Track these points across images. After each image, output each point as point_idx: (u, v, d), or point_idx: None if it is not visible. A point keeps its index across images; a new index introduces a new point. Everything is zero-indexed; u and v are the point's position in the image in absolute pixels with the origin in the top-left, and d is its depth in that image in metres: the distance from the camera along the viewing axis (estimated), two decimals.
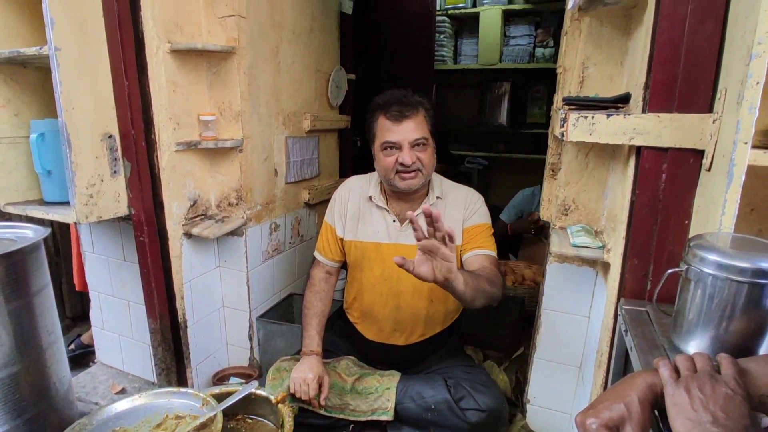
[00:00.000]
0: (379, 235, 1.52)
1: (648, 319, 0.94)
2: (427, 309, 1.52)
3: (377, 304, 1.54)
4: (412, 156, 1.37)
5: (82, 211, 1.46)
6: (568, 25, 1.34)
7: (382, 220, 1.52)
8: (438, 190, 1.52)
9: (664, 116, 0.97)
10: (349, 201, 1.58)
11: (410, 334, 1.55)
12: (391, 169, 1.40)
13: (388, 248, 1.50)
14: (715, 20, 0.91)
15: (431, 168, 1.44)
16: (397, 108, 1.38)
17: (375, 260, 1.52)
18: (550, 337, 1.52)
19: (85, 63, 1.41)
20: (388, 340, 1.57)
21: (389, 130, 1.38)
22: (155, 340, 1.74)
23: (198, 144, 1.68)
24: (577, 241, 1.24)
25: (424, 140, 1.39)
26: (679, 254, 1.01)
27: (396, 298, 1.51)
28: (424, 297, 1.51)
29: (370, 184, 1.57)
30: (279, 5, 1.84)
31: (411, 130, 1.37)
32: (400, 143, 1.38)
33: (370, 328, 1.59)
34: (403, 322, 1.53)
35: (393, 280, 1.51)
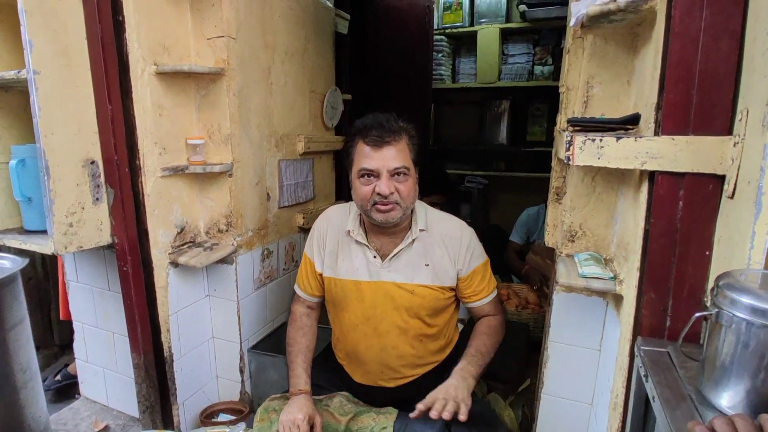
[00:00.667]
0: (358, 273, 1.39)
1: (670, 362, 0.85)
2: (415, 349, 1.40)
3: (361, 346, 1.41)
4: (390, 186, 1.25)
5: (61, 241, 1.38)
6: (570, 43, 1.28)
7: (361, 255, 1.40)
8: (422, 221, 1.39)
9: (680, 139, 0.89)
10: (328, 234, 1.46)
11: (400, 377, 1.42)
12: (368, 199, 1.28)
13: (369, 286, 1.38)
14: (731, 37, 0.84)
15: (411, 200, 1.31)
16: (377, 132, 1.25)
17: (355, 299, 1.39)
18: (558, 372, 1.43)
19: (66, 87, 1.35)
20: (377, 383, 1.44)
21: (367, 156, 1.26)
22: (139, 375, 1.64)
23: (186, 169, 1.61)
24: (586, 271, 1.15)
25: (404, 169, 1.27)
26: (700, 288, 0.93)
27: (380, 339, 1.38)
28: (411, 336, 1.39)
29: (349, 216, 1.43)
30: (271, 26, 1.79)
31: (391, 158, 1.25)
32: (378, 171, 1.25)
33: (357, 370, 1.46)
34: (390, 364, 1.40)
35: (376, 320, 1.38)
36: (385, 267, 1.38)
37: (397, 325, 1.38)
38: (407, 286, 1.37)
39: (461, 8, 3.73)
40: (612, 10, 1.00)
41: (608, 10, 1.00)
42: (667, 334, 0.96)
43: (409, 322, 1.37)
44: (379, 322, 1.38)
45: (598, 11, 1.01)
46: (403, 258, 1.38)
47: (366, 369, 1.44)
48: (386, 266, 1.38)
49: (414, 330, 1.39)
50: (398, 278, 1.37)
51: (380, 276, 1.38)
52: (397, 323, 1.37)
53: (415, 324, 1.38)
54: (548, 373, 1.44)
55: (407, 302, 1.36)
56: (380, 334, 1.39)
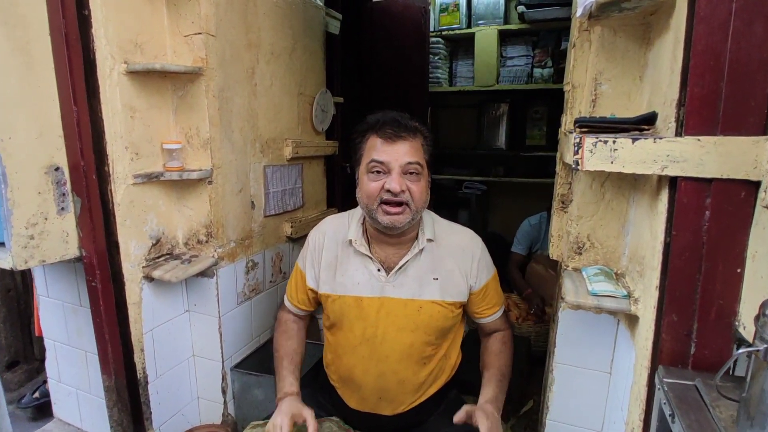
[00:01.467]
0: (360, 288, 1.26)
1: (700, 399, 0.73)
2: (416, 375, 1.26)
3: (358, 369, 1.27)
4: (402, 183, 1.14)
5: (21, 255, 1.26)
6: (576, 37, 1.17)
7: (363, 269, 1.27)
8: (429, 231, 1.27)
9: (706, 140, 0.78)
10: (324, 247, 1.33)
11: (399, 404, 1.28)
12: (375, 197, 1.16)
13: (371, 303, 1.25)
14: (767, 21, 0.73)
15: (422, 204, 1.19)
16: (391, 127, 1.17)
17: (355, 318, 1.26)
18: (564, 396, 1.31)
19: (27, 86, 1.24)
20: (374, 410, 1.29)
21: (379, 149, 1.16)
22: (110, 399, 1.51)
23: (161, 175, 1.49)
24: (596, 288, 1.04)
25: (418, 167, 1.16)
26: (731, 310, 0.81)
27: (380, 363, 1.25)
28: (414, 362, 1.25)
29: (350, 226, 1.31)
30: (255, 24, 1.68)
31: (405, 153, 1.15)
32: (389, 165, 1.15)
33: (352, 396, 1.32)
34: (390, 392, 1.26)
35: (376, 341, 1.24)
36: (390, 281, 1.25)
37: (399, 348, 1.24)
38: (414, 303, 1.24)
39: (458, 10, 3.63)
40: None
41: None
42: (692, 362, 0.84)
43: (414, 345, 1.24)
44: (380, 343, 1.24)
45: None
46: (410, 271, 1.26)
47: (362, 395, 1.29)
48: (392, 280, 1.25)
49: (417, 354, 1.25)
50: (404, 294, 1.24)
51: (384, 291, 1.25)
52: (401, 346, 1.24)
53: (419, 347, 1.24)
54: (553, 398, 1.32)
55: (413, 322, 1.24)
56: (380, 358, 1.25)
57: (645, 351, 0.92)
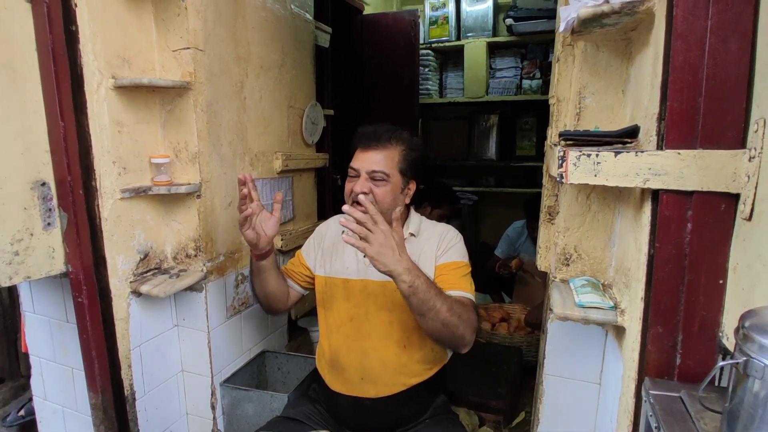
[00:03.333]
0: (348, 271, 1.43)
1: (685, 411, 0.73)
2: (398, 356, 1.36)
3: (342, 349, 1.40)
4: (364, 186, 1.32)
5: (5, 272, 1.25)
6: (560, 51, 1.19)
7: (353, 255, 1.43)
8: (414, 227, 1.42)
9: (686, 153, 0.79)
10: (326, 235, 1.52)
11: (381, 386, 1.36)
12: (348, 196, 1.36)
13: (355, 284, 1.41)
14: (742, 38, 0.75)
15: (385, 205, 1.32)
16: (367, 137, 1.36)
17: (341, 297, 1.42)
18: (554, 407, 1.31)
19: (12, 102, 1.23)
20: (357, 393, 1.37)
21: (356, 156, 1.37)
22: (96, 417, 1.49)
23: (149, 190, 1.49)
24: (583, 300, 1.04)
25: (383, 175, 1.32)
26: (714, 321, 0.82)
27: (362, 341, 1.37)
28: (394, 341, 1.36)
29: None
30: (244, 38, 1.69)
31: (372, 161, 1.33)
32: (358, 170, 1.34)
33: (337, 378, 1.41)
34: (371, 371, 1.36)
35: (360, 320, 1.38)
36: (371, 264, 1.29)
37: (380, 326, 1.37)
38: (391, 285, 1.28)
39: (447, 22, 3.68)
40: (605, 12, 0.91)
41: (601, 12, 0.91)
42: (678, 373, 0.85)
43: (393, 324, 1.36)
44: (362, 321, 1.38)
45: (591, 14, 0.92)
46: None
47: (345, 377, 1.39)
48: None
49: (397, 333, 1.36)
50: (383, 276, 1.29)
51: (367, 274, 1.39)
52: (380, 324, 1.37)
53: (397, 326, 1.36)
54: (544, 410, 1.31)
55: (390, 302, 1.36)
56: (362, 336, 1.38)
57: (632, 362, 0.93)
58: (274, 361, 1.98)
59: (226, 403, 1.74)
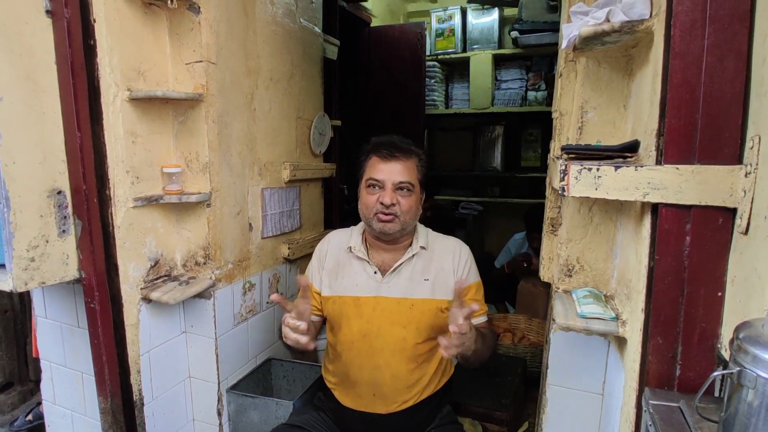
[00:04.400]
0: (358, 289, 1.40)
1: (684, 421, 0.75)
2: (410, 372, 1.36)
3: (354, 366, 1.38)
4: (393, 197, 1.32)
5: (21, 277, 1.28)
6: (563, 67, 1.22)
7: (362, 271, 1.42)
8: (423, 240, 1.44)
9: (684, 168, 0.81)
10: (328, 254, 1.49)
11: (392, 402, 1.36)
12: (371, 208, 1.35)
13: (368, 302, 1.38)
14: (737, 57, 0.78)
15: (411, 216, 1.36)
16: (388, 148, 1.36)
17: (353, 316, 1.39)
18: (558, 418, 1.32)
19: (31, 113, 1.27)
20: (367, 408, 1.37)
21: (376, 168, 1.36)
22: (105, 421, 1.51)
23: (160, 198, 1.52)
24: (585, 310, 1.06)
25: (409, 185, 1.34)
26: (713, 332, 0.83)
27: (374, 357, 1.36)
28: (407, 357, 1.35)
29: (352, 236, 1.48)
30: (254, 51, 1.74)
31: (397, 172, 1.33)
32: (383, 182, 1.33)
33: (347, 394, 1.41)
34: (383, 387, 1.35)
35: (372, 336, 1.36)
36: (385, 282, 1.39)
37: (393, 342, 1.35)
38: (406, 302, 1.37)
39: (453, 35, 3.73)
40: (606, 31, 0.94)
41: (602, 31, 0.94)
42: (678, 384, 0.86)
43: (407, 339, 1.36)
44: (375, 338, 1.37)
45: (591, 32, 0.95)
46: (404, 273, 1.40)
47: (357, 392, 1.39)
48: (386, 281, 1.40)
49: (410, 349, 1.36)
50: (397, 293, 1.38)
51: (380, 291, 1.39)
52: (394, 340, 1.35)
53: (411, 343, 1.35)
54: (547, 420, 1.33)
55: (405, 318, 1.36)
56: (375, 352, 1.36)
57: (633, 373, 0.94)
58: (280, 369, 1.99)
59: (232, 409, 1.76)
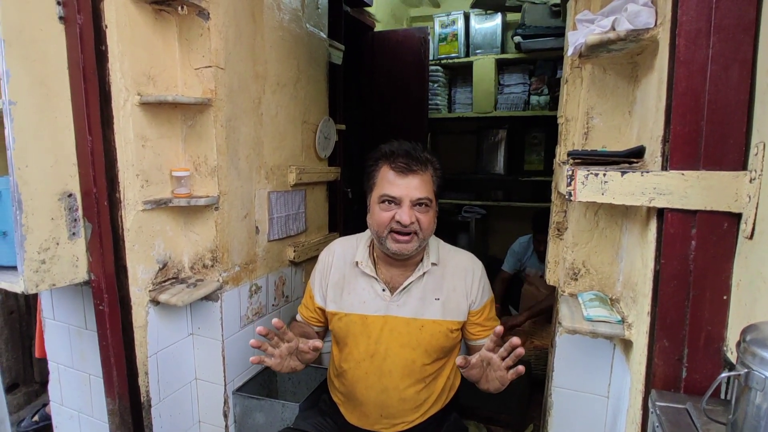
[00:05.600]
0: (365, 307, 1.33)
1: (691, 422, 0.76)
2: (418, 393, 1.31)
3: (360, 385, 1.33)
4: (411, 216, 1.22)
5: (32, 279, 1.30)
6: (569, 73, 1.23)
7: (369, 288, 1.35)
8: (434, 255, 1.35)
9: (690, 174, 0.83)
10: (333, 266, 1.42)
11: (399, 422, 1.32)
12: (385, 225, 1.24)
13: (376, 321, 1.32)
14: (742, 66, 0.79)
15: (429, 233, 1.28)
16: (404, 160, 1.24)
17: (360, 334, 1.33)
18: (563, 420, 1.33)
19: (44, 118, 1.29)
20: (374, 427, 1.34)
21: (391, 182, 1.24)
22: (113, 422, 1.53)
23: (169, 202, 1.54)
24: (591, 313, 1.07)
25: (427, 201, 1.24)
26: (719, 335, 0.85)
27: (382, 379, 1.30)
28: (416, 379, 1.31)
29: (358, 248, 1.40)
30: (262, 56, 1.76)
31: (415, 188, 1.23)
32: (400, 199, 1.22)
33: (353, 412, 1.37)
34: (391, 408, 1.31)
35: (380, 358, 1.31)
36: (395, 301, 1.33)
37: (402, 364, 1.30)
38: (416, 322, 1.31)
39: (456, 39, 3.76)
40: (611, 39, 0.95)
41: (608, 39, 0.95)
42: (684, 386, 0.88)
43: (416, 362, 1.30)
44: (383, 359, 1.31)
45: (597, 41, 0.97)
46: (414, 292, 1.33)
47: (363, 411, 1.35)
48: (395, 300, 1.33)
49: (419, 371, 1.31)
50: (407, 313, 1.32)
51: (389, 310, 1.32)
52: (403, 362, 1.30)
53: (420, 364, 1.31)
54: (552, 422, 1.33)
55: (415, 340, 1.30)
56: (383, 374, 1.31)
57: (639, 375, 0.95)
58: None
59: (238, 411, 1.77)
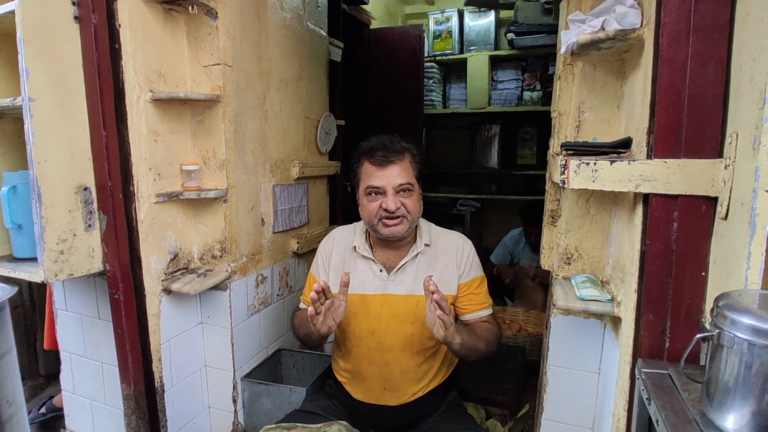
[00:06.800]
0: (364, 287, 1.43)
1: (672, 384, 0.84)
2: (418, 366, 1.41)
3: (364, 361, 1.42)
4: (396, 201, 1.33)
5: (51, 269, 1.36)
6: (561, 70, 1.31)
7: (368, 270, 1.45)
8: (426, 236, 1.46)
9: (672, 162, 0.91)
10: (333, 252, 1.51)
11: (402, 394, 1.42)
12: (374, 215, 1.36)
13: (375, 299, 1.42)
14: (717, 63, 0.87)
15: (417, 214, 1.39)
16: (381, 153, 1.35)
17: (361, 313, 1.42)
18: (557, 396, 1.41)
19: (61, 114, 1.35)
20: (378, 401, 1.43)
21: (373, 175, 1.35)
22: (128, 407, 1.59)
23: (180, 194, 1.60)
24: (583, 293, 1.16)
25: (409, 185, 1.35)
26: (698, 308, 0.93)
27: (384, 353, 1.40)
28: (415, 351, 1.40)
29: (355, 234, 1.51)
30: (266, 54, 1.82)
31: (396, 175, 1.34)
32: (384, 188, 1.34)
33: (359, 388, 1.46)
34: (393, 381, 1.41)
35: (381, 334, 1.40)
36: (391, 280, 1.42)
37: (401, 339, 1.39)
38: (412, 299, 1.40)
39: (451, 36, 3.83)
40: (601, 38, 1.03)
41: (598, 38, 1.03)
42: (667, 355, 0.96)
43: (415, 336, 1.39)
44: (383, 335, 1.40)
45: (588, 40, 1.04)
46: (409, 271, 1.43)
47: (368, 386, 1.44)
48: (392, 279, 1.42)
49: (418, 344, 1.40)
50: (403, 290, 1.41)
51: (386, 289, 1.42)
52: (402, 336, 1.39)
53: (419, 338, 1.39)
54: (548, 398, 1.42)
55: (412, 315, 1.39)
56: (384, 348, 1.40)
57: (627, 348, 1.04)
58: (290, 359, 2.08)
59: (247, 397, 1.84)
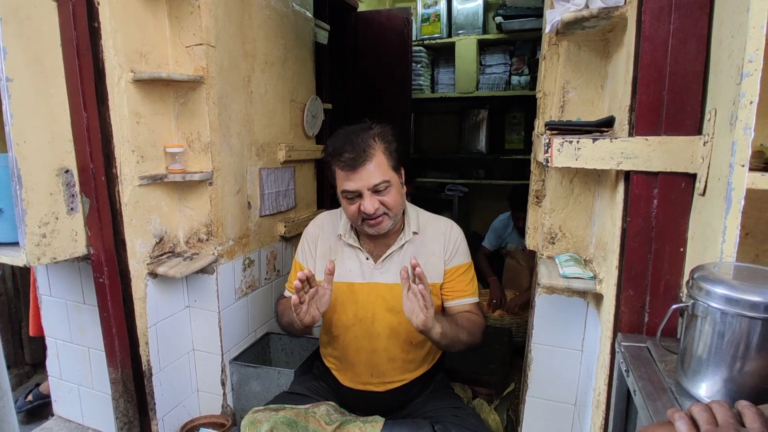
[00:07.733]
0: (351, 275, 1.41)
1: (650, 356, 0.87)
2: (405, 353, 1.41)
3: (351, 348, 1.42)
4: (374, 202, 1.27)
5: (33, 253, 1.34)
6: (546, 50, 1.31)
7: (354, 258, 1.43)
8: (414, 224, 1.42)
9: (652, 139, 0.92)
10: (320, 239, 1.49)
11: (389, 381, 1.42)
12: (356, 216, 1.31)
13: (362, 288, 1.40)
14: (698, 40, 0.88)
15: (399, 208, 1.33)
16: (349, 156, 1.24)
17: (348, 301, 1.41)
18: (542, 374, 1.44)
19: (40, 94, 1.32)
20: (365, 387, 1.43)
21: (345, 179, 1.27)
22: (116, 391, 1.59)
23: (164, 177, 1.59)
24: (567, 271, 1.17)
25: (385, 183, 1.27)
26: (676, 284, 0.95)
27: (371, 341, 1.39)
28: (402, 340, 1.40)
29: (341, 221, 1.47)
30: (250, 35, 1.79)
31: (369, 176, 1.25)
32: (359, 191, 1.27)
33: (346, 374, 1.46)
34: (380, 367, 1.40)
35: (368, 322, 1.39)
36: (378, 268, 1.41)
37: (388, 327, 1.38)
38: (399, 288, 1.36)
39: (439, 20, 3.80)
40: (585, 16, 1.03)
41: (581, 16, 1.03)
42: (646, 329, 0.98)
43: (402, 324, 1.37)
44: (370, 323, 1.39)
45: (572, 18, 1.04)
46: (395, 259, 1.41)
47: (355, 372, 1.44)
48: (379, 268, 1.41)
49: (405, 332, 1.39)
50: (390, 279, 1.40)
51: (373, 277, 1.40)
52: (389, 324, 1.38)
53: (405, 326, 1.37)
54: (532, 376, 1.45)
55: (399, 304, 1.35)
56: (372, 336, 1.39)
57: (608, 323, 1.06)
58: (278, 342, 2.09)
59: (235, 380, 1.85)
